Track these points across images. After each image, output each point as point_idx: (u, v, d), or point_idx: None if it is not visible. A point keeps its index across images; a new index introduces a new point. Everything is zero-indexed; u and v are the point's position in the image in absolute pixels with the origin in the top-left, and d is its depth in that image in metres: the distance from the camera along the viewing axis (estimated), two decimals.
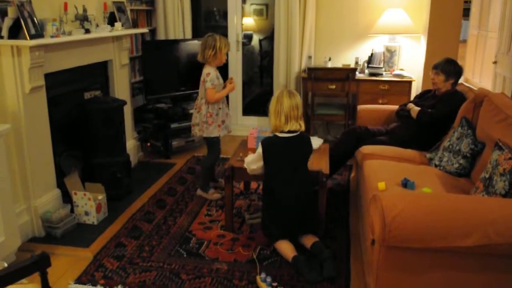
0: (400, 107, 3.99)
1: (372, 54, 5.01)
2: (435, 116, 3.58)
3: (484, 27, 5.92)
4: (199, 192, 3.80)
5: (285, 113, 2.73)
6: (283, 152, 2.77)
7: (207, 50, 3.58)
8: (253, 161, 2.85)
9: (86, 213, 3.28)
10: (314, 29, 5.16)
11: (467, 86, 3.87)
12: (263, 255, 2.90)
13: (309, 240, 2.84)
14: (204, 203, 3.67)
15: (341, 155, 3.79)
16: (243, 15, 5.69)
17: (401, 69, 5.00)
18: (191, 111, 4.86)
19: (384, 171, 3.00)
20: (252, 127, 3.73)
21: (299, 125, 2.78)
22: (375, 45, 5.08)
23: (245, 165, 2.91)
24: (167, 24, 5.18)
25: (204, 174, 3.80)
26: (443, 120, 3.58)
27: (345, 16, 5.13)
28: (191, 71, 4.97)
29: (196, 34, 5.51)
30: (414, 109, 3.73)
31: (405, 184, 2.73)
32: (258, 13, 8.15)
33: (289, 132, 2.76)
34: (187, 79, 4.91)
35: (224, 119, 3.72)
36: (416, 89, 4.84)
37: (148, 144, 4.97)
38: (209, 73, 3.58)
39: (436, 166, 3.18)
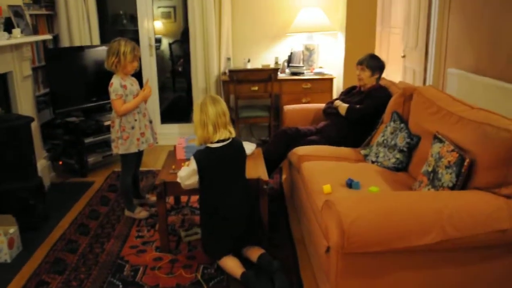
0: (327, 105, 3.96)
1: (291, 53, 4.96)
2: (363, 112, 3.58)
3: (387, 23, 6.17)
4: (126, 213, 3.47)
5: (212, 122, 2.54)
6: (218, 164, 2.58)
7: (110, 57, 3.23)
8: (187, 176, 2.62)
9: None
10: (231, 31, 5.00)
11: (389, 81, 3.93)
12: (208, 275, 2.67)
13: (254, 253, 2.66)
14: (133, 224, 3.35)
15: (274, 158, 3.67)
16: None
17: (321, 67, 5.01)
18: (106, 123, 4.49)
19: (324, 172, 2.92)
20: (178, 137, 3.47)
21: (229, 132, 2.60)
22: (293, 44, 5.04)
23: (178, 180, 2.67)
24: (71, 29, 4.73)
25: (124, 194, 3.46)
26: (371, 115, 3.60)
27: (261, 17, 5.03)
28: (102, 80, 4.54)
29: (104, 40, 5.10)
30: (342, 106, 3.71)
31: (350, 184, 2.65)
32: (166, 15, 7.83)
33: (219, 141, 2.57)
34: (99, 88, 4.50)
35: (143, 131, 3.39)
36: (337, 86, 4.86)
37: (60, 162, 4.50)
38: (112, 83, 3.26)
39: (373, 162, 3.15)
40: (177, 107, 6.78)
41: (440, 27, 5.08)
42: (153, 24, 5.24)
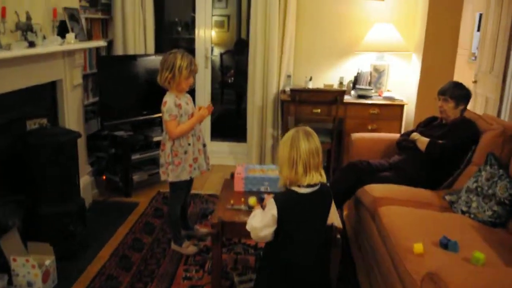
0: (402, 137, 3.51)
1: (358, 73, 4.52)
2: (447, 149, 3.11)
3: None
4: (173, 246, 3.12)
5: (303, 162, 2.06)
6: (302, 214, 2.12)
7: (164, 72, 2.90)
8: (264, 226, 2.12)
9: (29, 284, 2.52)
10: (294, 45, 4.61)
11: (474, 113, 3.44)
12: None
13: None
14: (180, 260, 2.99)
15: (341, 194, 3.24)
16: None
17: (389, 91, 4.55)
18: (155, 139, 4.18)
19: (408, 223, 2.47)
20: (237, 165, 3.08)
21: (319, 176, 2.14)
22: (360, 63, 4.60)
23: (248, 228, 2.23)
24: (126, 35, 4.46)
25: (172, 225, 3.12)
26: (455, 152, 3.13)
27: (328, 31, 4.62)
28: (155, 92, 4.26)
29: (158, 49, 4.82)
30: (422, 140, 3.25)
31: (446, 244, 2.19)
32: (219, 25, 7.56)
33: (308, 186, 2.13)
34: (150, 102, 4.19)
35: (196, 156, 3.03)
36: (407, 113, 4.38)
37: (104, 177, 4.22)
38: (166, 102, 2.91)
39: (463, 212, 2.68)
40: (226, 121, 6.46)
41: None
42: (211, 34, 4.91)
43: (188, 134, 2.96)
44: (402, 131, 4.29)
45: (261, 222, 2.11)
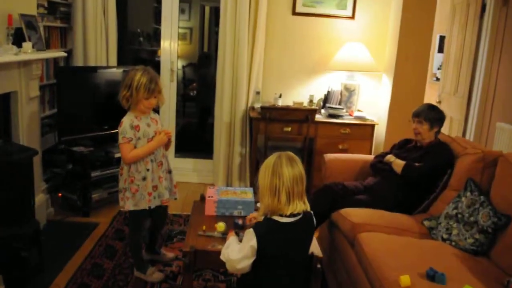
0: (376, 159, 3.44)
1: (328, 92, 4.46)
2: (423, 172, 3.06)
3: None
4: (136, 273, 2.89)
5: (286, 190, 1.91)
6: (283, 244, 1.97)
7: (123, 89, 2.63)
8: (243, 259, 1.95)
9: None
10: (263, 60, 4.49)
11: (448, 136, 3.42)
12: None
13: None
14: (146, 283, 2.76)
15: (317, 218, 3.11)
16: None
17: (359, 110, 4.50)
18: (117, 155, 3.94)
19: (390, 251, 2.37)
20: (209, 187, 2.91)
21: (303, 204, 2.00)
22: (330, 82, 4.54)
23: (224, 259, 2.04)
24: (87, 46, 4.21)
25: (133, 253, 2.89)
26: (431, 176, 3.09)
27: (298, 48, 4.54)
28: (117, 106, 4.03)
29: (121, 60, 4.58)
30: (397, 163, 3.19)
31: (433, 276, 2.09)
32: (182, 37, 7.38)
33: (291, 215, 1.98)
34: (112, 116, 3.94)
35: (156, 184, 2.76)
36: (378, 134, 4.34)
37: (60, 194, 3.92)
38: (122, 122, 2.68)
39: (443, 239, 2.60)
40: (189, 135, 6.26)
41: (488, 73, 4.63)
42: (177, 46, 4.73)
43: (146, 159, 2.71)
44: (373, 151, 4.24)
45: (239, 253, 1.95)
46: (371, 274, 2.27)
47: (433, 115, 3.19)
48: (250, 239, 1.92)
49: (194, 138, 6.08)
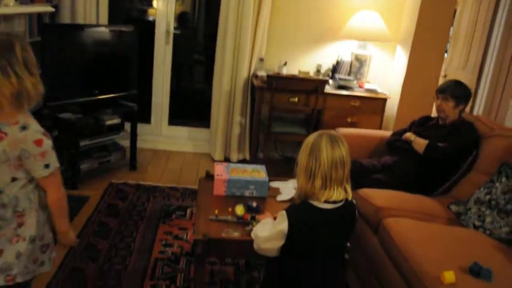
0: (393, 136, 3.20)
1: (337, 62, 4.15)
2: (448, 153, 2.83)
3: None
4: None
5: (322, 174, 1.65)
6: (320, 232, 1.72)
7: None
8: (269, 239, 1.74)
9: None
10: (268, 25, 4.14)
11: (471, 115, 3.19)
12: None
13: None
14: (145, 273, 2.49)
15: None
16: None
17: (369, 82, 4.22)
18: (108, 123, 3.63)
19: (423, 241, 2.14)
20: (216, 163, 2.61)
21: (343, 192, 1.74)
22: (340, 51, 4.22)
23: (253, 236, 1.82)
24: (75, 1, 3.79)
25: None
26: (455, 157, 2.86)
27: (307, 13, 4.18)
28: (108, 69, 3.70)
29: (113, 19, 4.17)
30: (418, 141, 2.95)
31: (478, 272, 1.87)
32: None
33: (327, 202, 1.71)
34: (103, 80, 3.63)
35: None
36: (390, 108, 4.06)
37: None
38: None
39: (475, 227, 2.39)
40: (186, 104, 5.89)
41: (503, 48, 4.40)
42: (174, 7, 4.33)
43: None
44: (383, 126, 3.99)
45: (267, 233, 1.73)
46: (404, 267, 2.04)
47: (459, 92, 2.95)
48: (281, 221, 1.69)
49: (191, 106, 5.72)
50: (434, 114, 3.44)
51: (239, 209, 2.18)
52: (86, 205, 3.21)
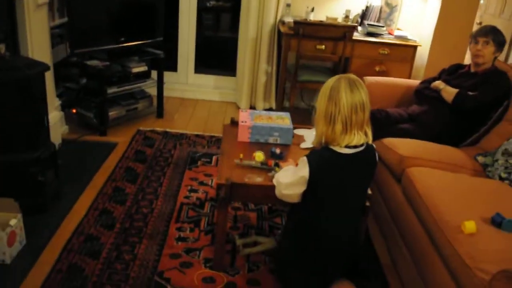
0: (422, 85, 3.11)
1: (367, 7, 4.01)
2: (478, 103, 2.75)
3: None
4: None
5: (343, 119, 1.66)
6: (340, 177, 1.74)
7: None
8: (291, 185, 1.78)
9: None
10: None
11: (505, 63, 3.06)
12: None
13: None
14: (170, 216, 2.58)
15: None
16: None
17: (399, 29, 4.08)
18: (135, 70, 3.66)
19: (445, 190, 2.12)
20: (241, 110, 2.62)
21: (364, 136, 1.74)
22: None
23: (275, 182, 1.87)
24: None
25: None
26: (485, 107, 2.78)
27: None
28: (135, 16, 3.68)
29: None
30: (448, 90, 2.87)
31: (500, 223, 1.86)
32: None
33: (348, 147, 1.72)
34: (129, 27, 3.61)
35: None
36: (420, 56, 3.93)
37: (74, 110, 3.66)
38: None
39: (501, 178, 2.35)
40: (213, 52, 5.84)
41: None
42: None
43: None
44: (412, 75, 3.89)
45: (289, 178, 1.77)
46: (425, 216, 2.04)
47: (500, 38, 2.84)
48: (302, 167, 1.72)
49: (218, 54, 5.67)
50: (466, 62, 3.33)
51: (258, 155, 2.20)
52: (115, 151, 3.29)
